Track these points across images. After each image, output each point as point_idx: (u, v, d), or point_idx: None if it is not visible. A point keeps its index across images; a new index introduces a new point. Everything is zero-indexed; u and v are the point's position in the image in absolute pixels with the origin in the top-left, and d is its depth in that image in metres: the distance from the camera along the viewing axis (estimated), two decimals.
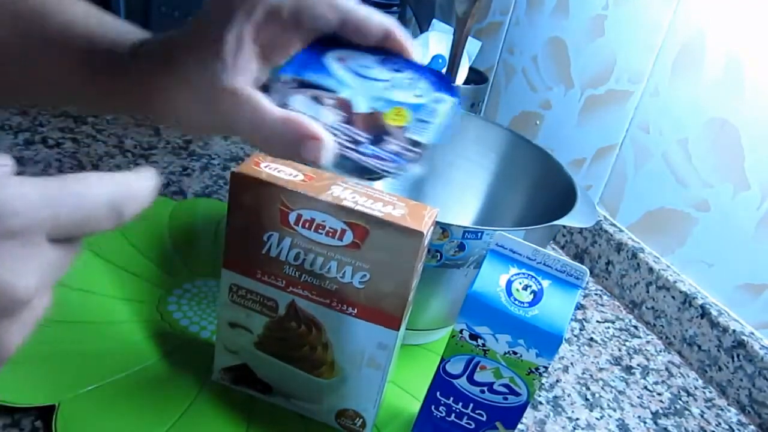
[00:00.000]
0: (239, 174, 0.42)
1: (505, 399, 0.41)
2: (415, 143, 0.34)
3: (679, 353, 0.68)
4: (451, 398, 0.42)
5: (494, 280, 0.39)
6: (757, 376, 0.60)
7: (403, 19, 1.10)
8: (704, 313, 0.65)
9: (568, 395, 0.59)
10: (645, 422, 0.58)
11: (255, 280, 0.44)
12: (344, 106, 0.35)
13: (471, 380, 0.41)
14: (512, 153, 0.66)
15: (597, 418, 0.57)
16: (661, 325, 0.70)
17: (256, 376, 0.49)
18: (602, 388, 0.61)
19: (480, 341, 0.39)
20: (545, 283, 0.39)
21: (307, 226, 0.41)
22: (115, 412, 0.45)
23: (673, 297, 0.68)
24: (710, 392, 0.64)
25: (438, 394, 0.43)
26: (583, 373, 0.62)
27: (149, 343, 0.51)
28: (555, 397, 0.58)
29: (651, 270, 0.70)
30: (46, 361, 0.47)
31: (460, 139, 0.69)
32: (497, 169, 0.67)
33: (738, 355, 0.62)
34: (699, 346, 0.66)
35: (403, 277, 0.41)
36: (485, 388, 0.41)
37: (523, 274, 0.39)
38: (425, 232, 0.39)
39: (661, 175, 0.71)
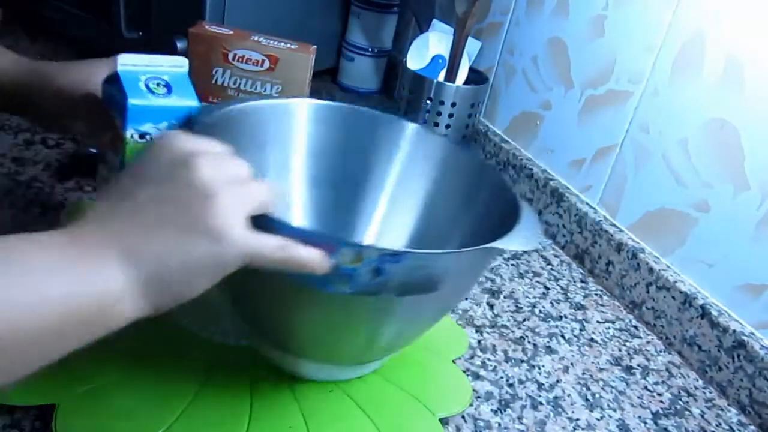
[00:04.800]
0: (195, 33, 0.67)
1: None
2: None
3: (680, 353, 0.68)
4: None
5: (137, 87, 0.47)
6: (758, 376, 0.60)
7: (403, 19, 1.10)
8: (704, 313, 0.65)
9: (569, 395, 0.59)
10: (645, 422, 0.58)
11: (208, 103, 0.63)
12: None
13: None
14: (453, 165, 0.58)
15: (597, 419, 0.57)
16: (662, 326, 0.70)
17: None
18: (602, 388, 0.61)
19: (147, 137, 0.48)
20: (166, 77, 0.49)
21: (240, 60, 0.68)
22: (114, 412, 0.45)
23: (674, 297, 0.68)
24: (710, 392, 0.64)
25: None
26: (584, 374, 0.62)
27: (149, 342, 0.51)
28: (555, 397, 0.58)
29: (651, 270, 0.70)
30: None
31: (397, 149, 0.60)
32: (436, 182, 0.58)
33: (738, 356, 0.62)
34: (699, 347, 0.66)
35: (301, 84, 0.69)
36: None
37: (151, 76, 0.48)
38: (311, 53, 0.69)
39: (661, 175, 0.71)
